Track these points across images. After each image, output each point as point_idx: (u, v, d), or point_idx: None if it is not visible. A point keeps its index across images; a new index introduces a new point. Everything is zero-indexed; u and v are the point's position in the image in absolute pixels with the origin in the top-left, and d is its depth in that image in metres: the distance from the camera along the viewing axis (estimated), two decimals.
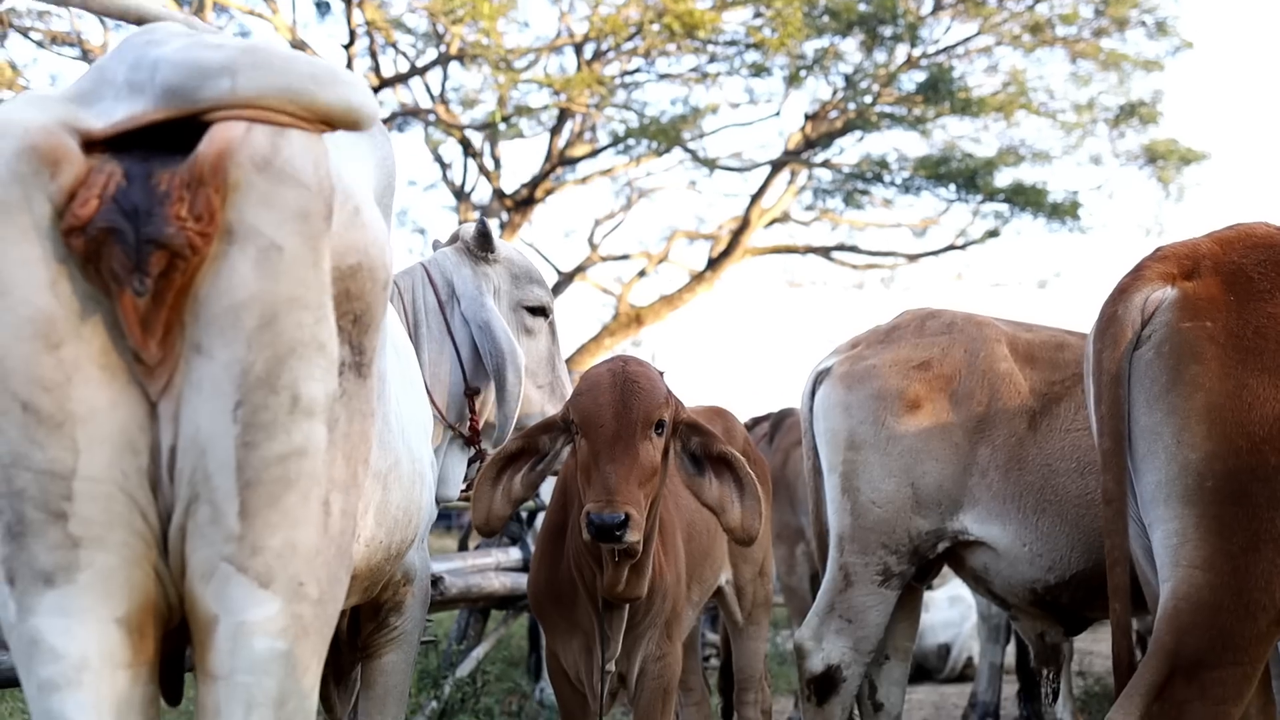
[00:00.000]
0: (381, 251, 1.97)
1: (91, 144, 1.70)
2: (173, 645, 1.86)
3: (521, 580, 6.64)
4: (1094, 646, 10.24)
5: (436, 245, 4.37)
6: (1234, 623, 2.67)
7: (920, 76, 18.60)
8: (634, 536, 2.93)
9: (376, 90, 16.36)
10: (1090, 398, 3.07)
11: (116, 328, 1.69)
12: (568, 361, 19.71)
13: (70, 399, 1.68)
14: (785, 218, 21.71)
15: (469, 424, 3.86)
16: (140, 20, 2.45)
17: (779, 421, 8.11)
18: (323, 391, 1.78)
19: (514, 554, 7.05)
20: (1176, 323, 2.85)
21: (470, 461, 4.00)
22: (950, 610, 10.22)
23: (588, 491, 3.02)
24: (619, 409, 3.06)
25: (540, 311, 4.18)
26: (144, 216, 1.65)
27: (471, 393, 3.87)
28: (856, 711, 4.71)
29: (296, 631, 1.76)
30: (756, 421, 8.89)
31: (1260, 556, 2.65)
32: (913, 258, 22.26)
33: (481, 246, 4.08)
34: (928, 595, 9.70)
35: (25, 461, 1.68)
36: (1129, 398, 2.92)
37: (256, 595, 1.73)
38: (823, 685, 4.33)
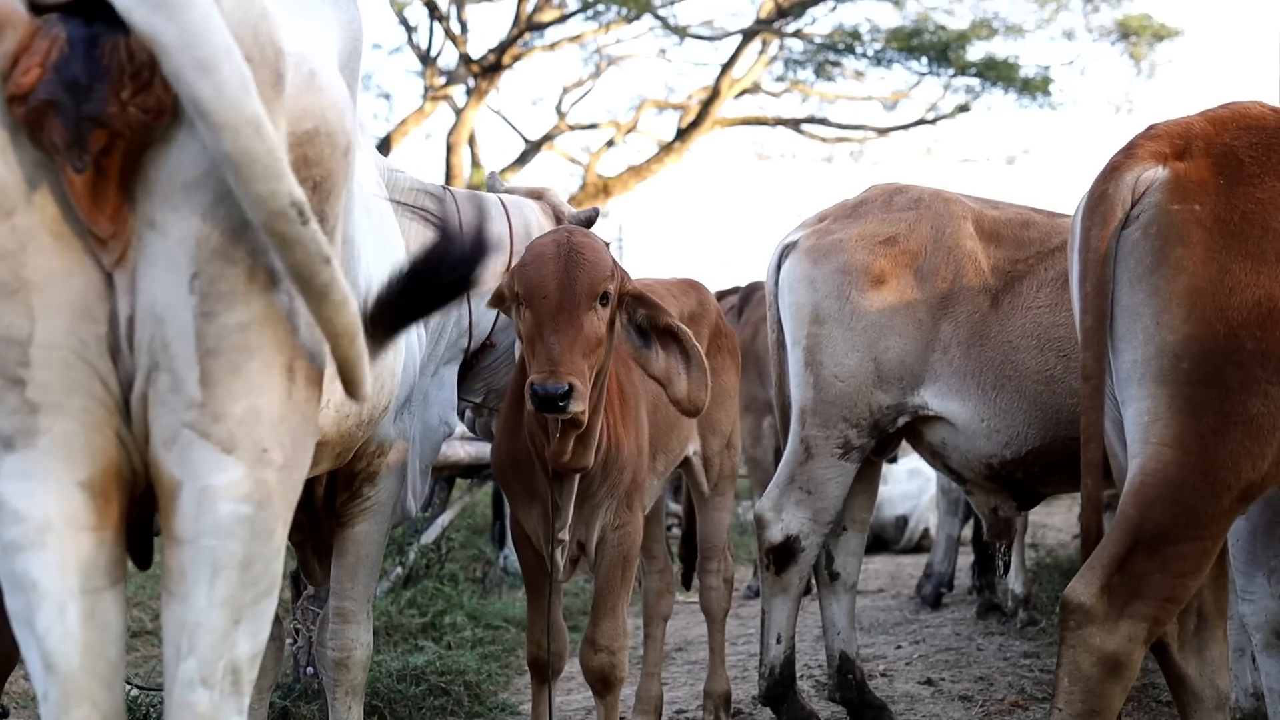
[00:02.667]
0: (340, 116, 1.94)
1: (40, 5, 1.66)
2: (140, 510, 1.87)
3: (485, 449, 6.68)
4: (1047, 520, 10.47)
5: (493, 178, 4.27)
6: (1198, 500, 2.73)
7: None
8: (578, 407, 2.94)
9: None
10: (1075, 274, 3.08)
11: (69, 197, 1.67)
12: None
13: (25, 266, 1.67)
14: (755, 89, 21.48)
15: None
16: None
17: (747, 295, 8.12)
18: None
19: None
20: (1165, 204, 2.85)
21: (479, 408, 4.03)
22: (909, 483, 10.40)
23: (532, 362, 3.02)
24: (563, 280, 3.04)
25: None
26: (84, 91, 1.62)
27: None
28: (813, 580, 4.81)
29: (261, 496, 1.78)
30: (723, 295, 8.91)
31: (1229, 438, 2.70)
32: (883, 132, 22.13)
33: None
34: (887, 468, 9.87)
35: None
36: (1113, 277, 2.94)
37: (220, 461, 1.74)
38: (781, 555, 4.42)
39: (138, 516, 1.90)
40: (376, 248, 2.97)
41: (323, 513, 3.23)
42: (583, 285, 3.05)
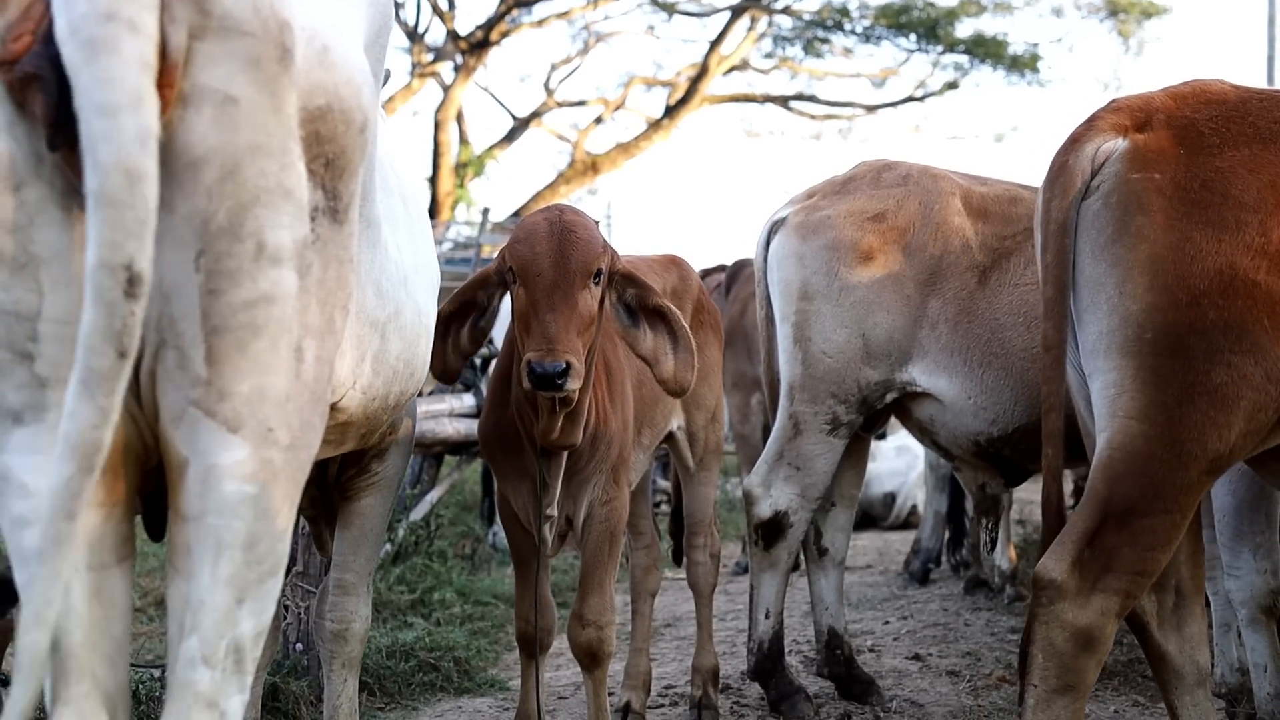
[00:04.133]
0: (356, 93, 1.92)
1: None
2: (155, 484, 1.86)
3: (475, 426, 6.68)
4: (1034, 496, 10.48)
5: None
6: (1166, 472, 2.73)
7: None
8: (574, 384, 2.96)
9: None
10: (1038, 247, 3.09)
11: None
12: (520, 211, 19.54)
13: (33, 241, 1.66)
14: (744, 65, 21.47)
15: None
16: None
17: (735, 272, 8.12)
18: (290, 238, 1.76)
19: (467, 400, 7.09)
20: (1125, 174, 2.86)
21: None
22: (897, 460, 10.43)
23: (527, 341, 3.02)
24: (557, 258, 3.05)
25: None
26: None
27: None
28: (802, 556, 4.83)
29: (266, 476, 1.77)
30: (711, 271, 8.90)
31: (1194, 408, 2.70)
32: (871, 109, 22.14)
33: None
34: (876, 445, 9.90)
35: None
36: (1075, 248, 2.94)
37: (225, 440, 1.73)
38: (770, 531, 4.43)
39: (153, 488, 1.89)
40: (407, 238, 2.97)
41: (334, 487, 3.23)
42: (576, 263, 3.05)
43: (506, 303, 3.32)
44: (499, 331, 3.63)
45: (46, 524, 1.55)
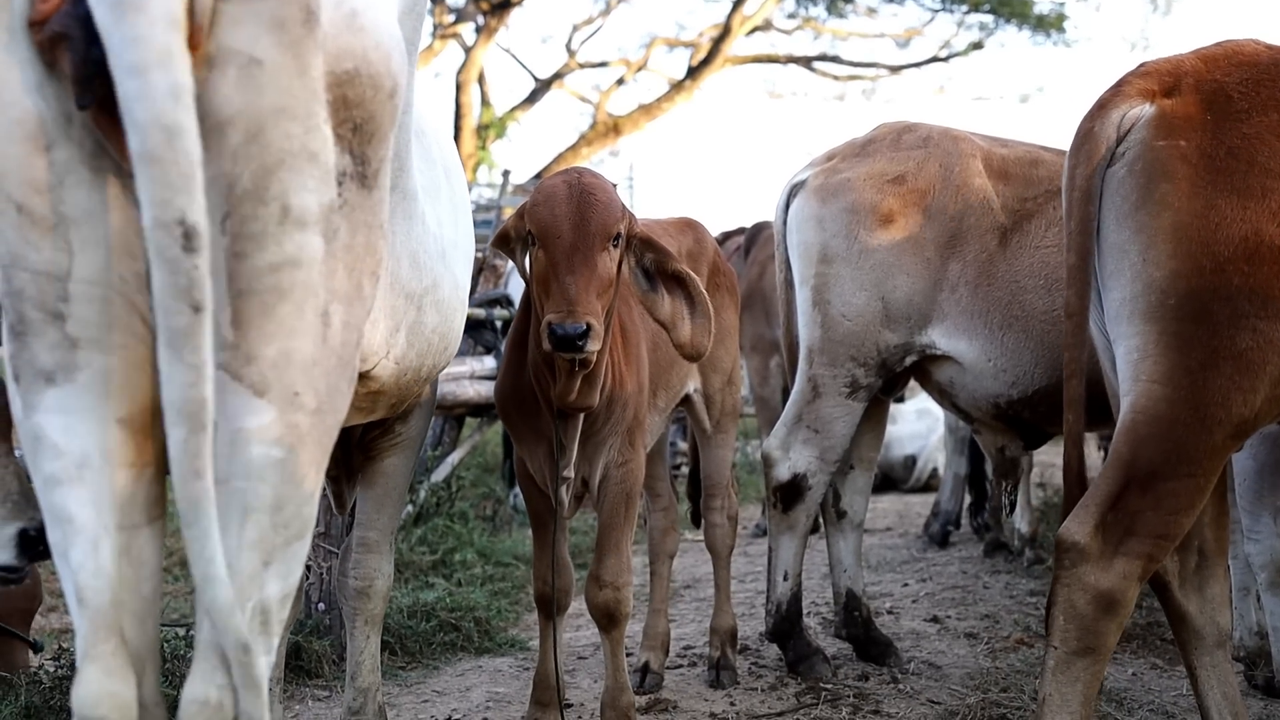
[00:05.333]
0: (385, 58, 1.91)
1: None
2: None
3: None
4: (1055, 459, 10.48)
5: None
6: (1190, 436, 2.73)
7: None
8: (594, 346, 2.97)
9: None
10: (1063, 213, 3.08)
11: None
12: (542, 173, 19.48)
13: (63, 201, 1.67)
14: (767, 25, 21.30)
15: None
16: None
17: (754, 235, 8.10)
18: (316, 202, 1.76)
19: (488, 363, 7.11)
20: (1151, 140, 2.83)
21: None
22: (918, 423, 10.43)
23: (547, 303, 3.04)
24: (577, 220, 3.06)
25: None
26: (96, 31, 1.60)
27: None
28: (820, 518, 4.84)
29: (293, 440, 1.77)
30: (730, 234, 8.88)
31: (1219, 373, 2.69)
32: (895, 69, 21.96)
33: None
34: (896, 408, 9.89)
35: (23, 262, 1.69)
36: (1100, 214, 2.93)
37: (252, 404, 1.74)
38: (788, 493, 4.44)
39: None
40: (449, 211, 2.97)
41: (356, 447, 3.26)
42: (596, 225, 3.06)
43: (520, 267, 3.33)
44: (516, 295, 3.63)
45: (179, 490, 1.58)
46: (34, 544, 2.72)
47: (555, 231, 3.06)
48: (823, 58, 21.89)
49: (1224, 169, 2.72)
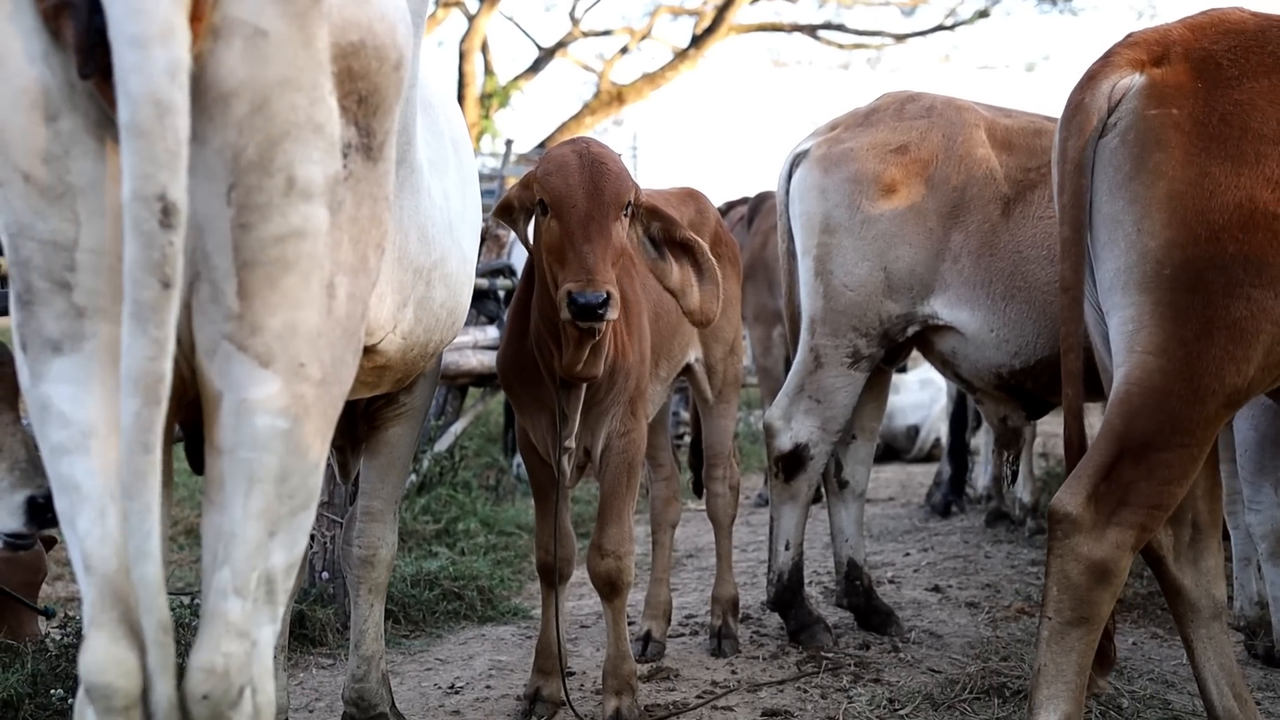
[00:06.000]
0: (390, 29, 1.90)
1: None
2: (196, 416, 1.88)
3: None
4: (1057, 429, 10.49)
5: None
6: (1183, 407, 2.73)
7: None
8: (613, 314, 2.98)
9: None
10: (1055, 187, 3.07)
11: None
12: (546, 142, 19.42)
13: (69, 171, 1.67)
14: None
15: None
16: None
17: (758, 204, 8.09)
18: (321, 173, 1.76)
19: (491, 333, 7.12)
20: (1143, 110, 2.82)
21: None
22: (921, 393, 10.44)
23: (563, 272, 3.04)
24: (590, 190, 3.07)
25: None
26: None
27: None
28: (822, 488, 4.85)
29: (298, 411, 1.78)
30: (734, 204, 8.88)
31: (1213, 343, 2.68)
32: (900, 38, 21.86)
33: None
34: (899, 378, 9.91)
35: (29, 232, 1.69)
36: (1092, 186, 2.92)
37: (257, 374, 1.74)
38: (790, 463, 4.45)
39: (195, 421, 1.91)
40: (456, 184, 2.96)
41: (360, 417, 3.27)
42: (610, 195, 3.08)
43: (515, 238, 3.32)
44: (519, 265, 3.63)
45: (124, 460, 1.57)
46: (41, 511, 2.73)
47: (570, 201, 3.06)
48: (827, 26, 21.79)
49: (1217, 135, 2.71)
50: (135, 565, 1.60)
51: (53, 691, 3.47)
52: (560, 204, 3.07)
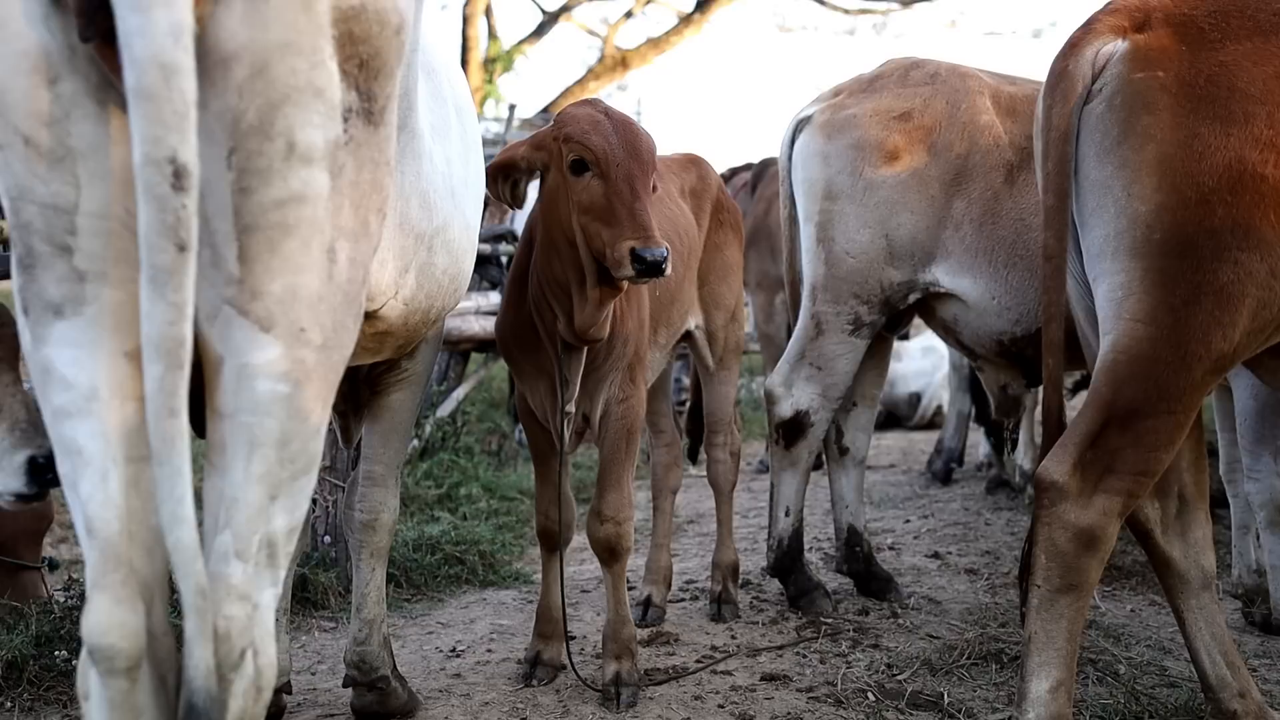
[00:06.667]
0: None
1: None
2: (198, 380, 1.89)
3: None
4: None
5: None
6: (1170, 374, 2.73)
7: None
8: (670, 269, 3.00)
9: None
10: (1038, 155, 3.06)
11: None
12: (550, 107, 19.33)
13: (70, 134, 1.67)
14: None
15: None
16: None
17: (761, 171, 8.07)
18: (322, 138, 1.76)
19: (494, 298, 7.11)
20: (1128, 74, 2.81)
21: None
22: (922, 360, 10.44)
23: (614, 230, 3.00)
24: (630, 148, 3.07)
25: None
26: None
27: None
28: (823, 455, 4.87)
29: (299, 376, 1.79)
30: (737, 170, 8.85)
31: (1200, 309, 2.68)
32: (906, 3, 21.72)
33: None
34: (900, 345, 9.91)
35: (30, 195, 1.70)
36: (1078, 153, 2.91)
37: (258, 339, 1.75)
38: (791, 430, 4.46)
39: (197, 384, 1.92)
40: (460, 150, 2.95)
41: (363, 382, 3.27)
42: (646, 152, 3.10)
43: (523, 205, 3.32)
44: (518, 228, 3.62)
45: (151, 426, 1.58)
46: (43, 471, 2.74)
47: (615, 159, 3.05)
48: None
49: (1205, 96, 2.70)
50: (170, 531, 1.60)
51: (57, 653, 3.50)
52: (606, 162, 3.05)
